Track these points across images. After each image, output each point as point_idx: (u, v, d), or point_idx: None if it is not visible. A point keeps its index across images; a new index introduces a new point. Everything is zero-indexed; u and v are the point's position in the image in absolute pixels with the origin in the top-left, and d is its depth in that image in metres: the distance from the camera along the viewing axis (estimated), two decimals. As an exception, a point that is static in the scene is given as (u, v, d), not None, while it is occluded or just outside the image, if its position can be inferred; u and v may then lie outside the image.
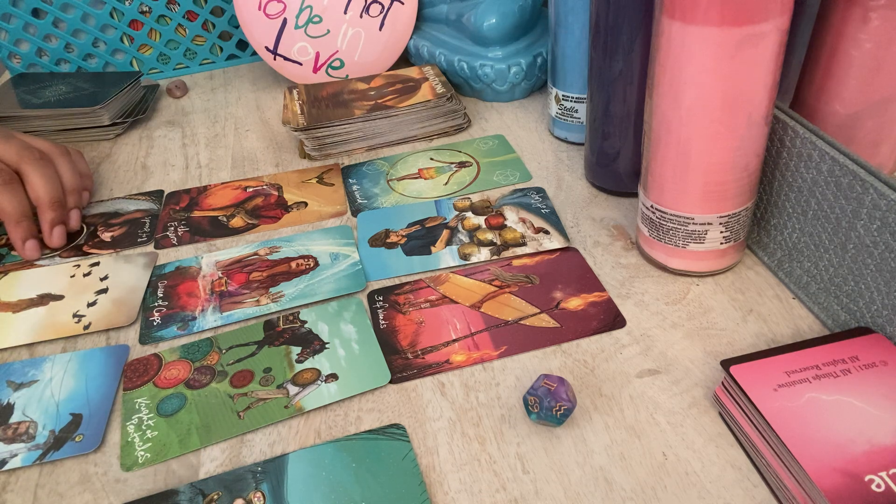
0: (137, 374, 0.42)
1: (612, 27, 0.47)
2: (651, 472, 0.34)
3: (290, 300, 0.46)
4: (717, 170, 0.40)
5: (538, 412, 0.35)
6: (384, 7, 0.74)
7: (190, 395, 0.40)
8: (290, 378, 0.40)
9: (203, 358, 0.42)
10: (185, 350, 0.43)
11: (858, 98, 0.41)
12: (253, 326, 0.44)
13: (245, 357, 0.42)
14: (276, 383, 0.40)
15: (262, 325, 0.44)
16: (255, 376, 0.41)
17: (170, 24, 0.83)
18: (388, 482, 0.34)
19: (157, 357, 0.43)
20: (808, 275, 0.42)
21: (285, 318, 0.45)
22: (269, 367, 0.41)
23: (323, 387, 0.40)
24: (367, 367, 0.41)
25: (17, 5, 0.77)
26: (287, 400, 0.39)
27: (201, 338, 0.44)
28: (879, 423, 0.31)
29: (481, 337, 0.43)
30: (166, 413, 0.39)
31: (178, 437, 0.37)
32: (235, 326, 0.45)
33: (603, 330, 0.42)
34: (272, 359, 0.42)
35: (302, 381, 0.40)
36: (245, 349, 0.43)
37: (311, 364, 0.41)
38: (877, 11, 0.38)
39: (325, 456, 0.36)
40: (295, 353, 0.42)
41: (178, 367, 0.42)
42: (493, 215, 0.54)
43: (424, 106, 0.64)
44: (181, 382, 0.41)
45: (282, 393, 0.39)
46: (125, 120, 0.72)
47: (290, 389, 0.40)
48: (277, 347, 0.42)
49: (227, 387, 0.40)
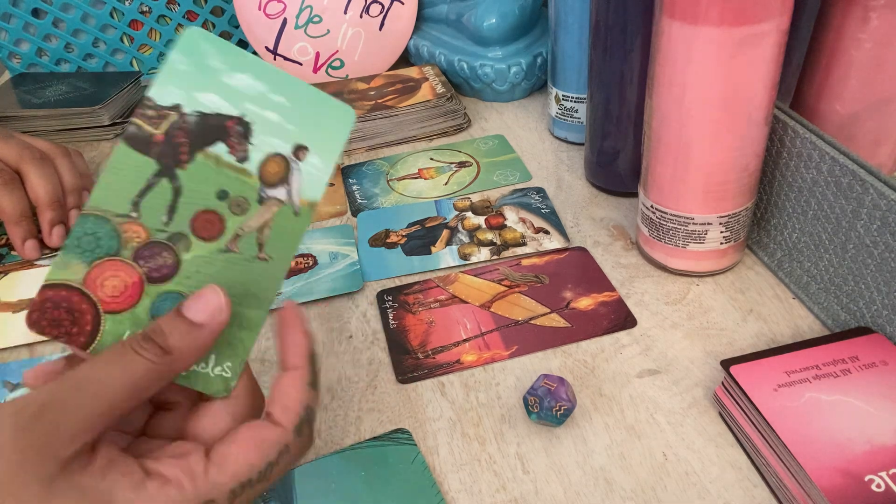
0: (67, 324, 0.28)
1: (612, 27, 0.47)
2: (651, 472, 0.34)
3: (285, 298, 0.46)
4: (718, 170, 0.40)
5: (538, 412, 0.35)
6: (384, 7, 0.74)
7: (177, 285, 0.29)
8: (259, 184, 0.31)
9: (119, 242, 0.29)
10: (77, 250, 0.29)
11: (858, 98, 0.41)
12: (125, 157, 0.29)
13: (173, 199, 0.30)
14: (252, 200, 0.31)
15: (139, 157, 0.30)
16: (219, 208, 0.30)
17: (170, 24, 0.83)
18: (400, 486, 0.34)
19: (58, 288, 0.28)
20: (808, 275, 0.42)
21: (147, 119, 0.30)
22: (222, 189, 0.30)
23: (304, 166, 0.31)
24: (320, 112, 0.32)
25: (17, 5, 0.77)
26: (288, 207, 0.31)
27: (80, 230, 0.29)
28: (879, 423, 0.31)
29: (492, 337, 0.43)
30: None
31: (229, 330, 0.29)
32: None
33: (614, 330, 0.42)
34: (206, 179, 0.30)
35: (276, 177, 0.31)
36: (158, 194, 0.30)
37: (258, 153, 0.31)
38: (877, 11, 0.38)
39: (332, 467, 0.35)
40: (224, 154, 0.31)
41: (105, 273, 0.29)
42: (493, 215, 0.54)
43: (424, 106, 0.64)
44: (141, 285, 0.29)
45: (273, 205, 0.31)
46: (125, 120, 0.72)
47: (275, 195, 0.31)
48: (193, 161, 0.30)
49: (205, 245, 0.30)
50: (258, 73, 0.31)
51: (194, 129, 0.30)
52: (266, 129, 0.31)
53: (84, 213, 0.29)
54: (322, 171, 0.32)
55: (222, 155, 0.31)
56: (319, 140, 0.32)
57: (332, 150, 0.32)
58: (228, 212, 0.31)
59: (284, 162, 0.31)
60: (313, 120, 0.32)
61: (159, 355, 0.26)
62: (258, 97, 0.31)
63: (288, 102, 0.32)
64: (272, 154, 0.31)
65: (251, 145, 0.31)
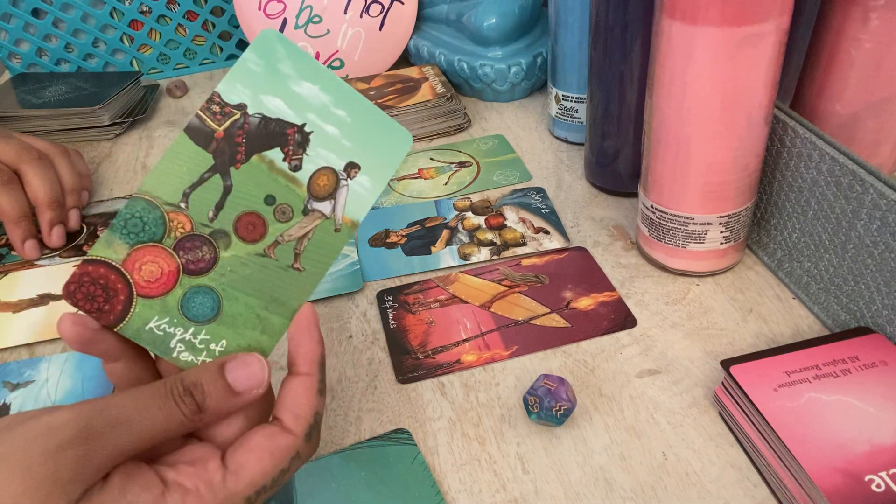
0: (101, 300, 0.28)
1: (612, 27, 0.47)
2: (651, 472, 0.34)
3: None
4: (717, 170, 0.40)
5: (538, 412, 0.35)
6: (384, 7, 0.74)
7: (210, 281, 0.30)
8: (307, 195, 0.31)
9: (164, 231, 0.30)
10: (123, 230, 0.29)
11: (858, 98, 0.41)
12: (184, 148, 0.30)
13: (222, 197, 0.31)
14: (297, 209, 0.31)
15: (198, 151, 0.30)
16: (264, 213, 0.31)
17: (170, 24, 0.83)
18: (400, 487, 0.34)
19: (98, 264, 0.29)
20: (808, 275, 0.42)
21: (212, 114, 0.31)
22: (270, 195, 0.31)
23: (353, 184, 0.32)
24: (378, 133, 0.32)
25: (17, 5, 0.77)
26: (330, 222, 0.31)
27: (131, 208, 0.29)
28: (879, 423, 0.31)
29: (492, 337, 0.43)
30: (205, 317, 0.30)
31: (252, 333, 0.30)
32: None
33: (614, 330, 0.42)
34: (257, 182, 0.31)
35: (324, 191, 0.31)
36: (208, 189, 0.30)
37: (311, 164, 0.31)
38: (877, 11, 0.38)
39: (332, 467, 0.35)
40: (278, 160, 0.31)
41: (145, 257, 0.29)
42: (493, 215, 0.54)
43: (424, 106, 0.64)
44: (177, 274, 0.30)
45: (316, 217, 0.31)
46: (125, 120, 0.72)
47: (320, 208, 0.31)
48: (247, 163, 0.31)
49: (244, 246, 0.31)
50: (326, 84, 0.32)
51: (254, 131, 0.31)
52: (323, 142, 0.32)
53: (136, 195, 0.29)
54: (370, 191, 0.32)
55: (276, 161, 0.31)
56: (373, 160, 0.32)
57: (384, 173, 0.32)
58: (272, 217, 0.31)
59: (335, 177, 0.32)
60: (370, 139, 0.32)
61: (195, 412, 0.27)
62: (321, 109, 0.32)
63: (349, 118, 0.32)
64: (324, 167, 0.32)
65: (306, 155, 0.31)
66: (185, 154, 0.30)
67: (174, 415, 0.26)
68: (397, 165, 0.32)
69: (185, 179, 0.30)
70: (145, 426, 0.25)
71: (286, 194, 0.31)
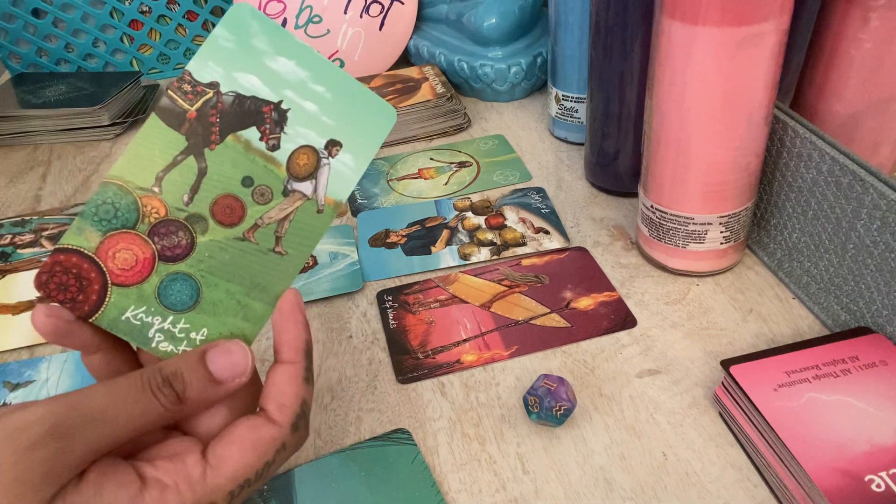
0: (74, 290, 0.28)
1: (612, 27, 0.47)
2: (651, 472, 0.34)
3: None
4: (717, 170, 0.40)
5: (538, 412, 0.35)
6: (384, 7, 0.74)
7: (188, 267, 0.29)
8: (287, 175, 0.30)
9: (138, 217, 0.28)
10: (95, 217, 0.28)
11: (858, 98, 0.41)
12: (155, 130, 0.29)
13: (197, 179, 0.29)
14: (276, 190, 0.30)
15: (170, 132, 0.29)
16: (242, 195, 0.30)
17: (170, 24, 0.83)
18: (400, 486, 0.34)
19: (70, 253, 0.28)
20: (808, 275, 0.42)
21: (183, 94, 0.29)
22: (247, 176, 0.30)
23: (335, 163, 0.30)
24: (360, 109, 0.31)
25: (17, 5, 0.77)
26: (312, 203, 0.30)
27: (99, 202, 0.28)
28: (879, 423, 0.31)
29: (492, 337, 0.43)
30: (184, 305, 0.29)
31: (233, 320, 0.29)
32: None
33: (614, 330, 0.42)
34: (233, 163, 0.29)
35: (304, 171, 0.30)
36: (182, 172, 0.29)
37: (289, 143, 0.30)
38: (877, 11, 0.38)
39: (332, 467, 0.35)
40: (255, 140, 0.30)
41: (118, 244, 0.28)
42: (493, 215, 0.54)
43: (424, 106, 0.64)
44: (152, 261, 0.29)
45: (297, 198, 0.30)
46: (125, 120, 0.72)
47: (301, 188, 0.30)
48: (222, 144, 0.29)
49: (223, 230, 0.29)
50: (303, 59, 0.30)
51: (229, 110, 0.29)
52: (302, 120, 0.30)
53: (106, 181, 0.28)
54: (353, 170, 0.31)
55: (253, 140, 0.30)
56: (355, 137, 0.31)
57: (367, 150, 0.31)
58: (251, 200, 0.30)
59: (315, 155, 0.30)
60: (352, 115, 0.31)
61: (174, 403, 0.26)
62: (299, 85, 0.30)
63: (329, 94, 0.30)
64: (303, 146, 0.30)
65: (284, 134, 0.30)
66: (157, 136, 0.29)
67: (152, 407, 0.25)
68: (381, 142, 0.31)
69: (158, 163, 0.29)
70: (120, 421, 0.24)
71: (264, 175, 0.30)
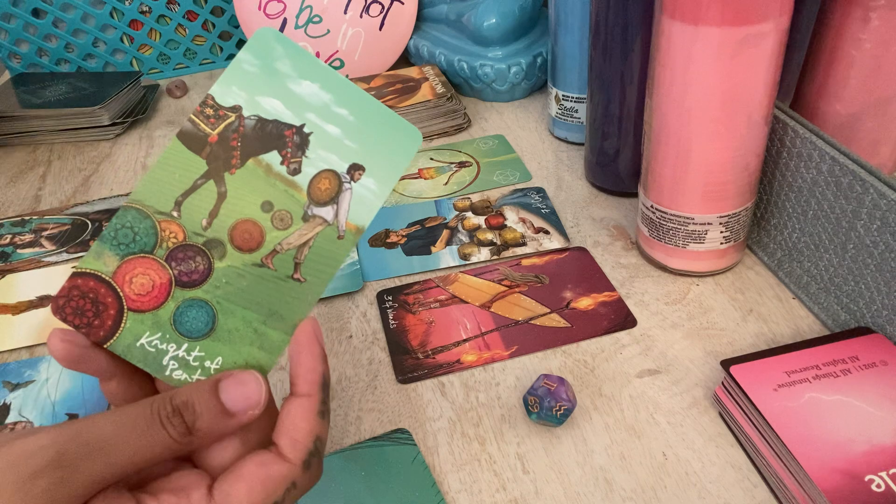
0: (91, 315, 0.27)
1: (612, 27, 0.47)
2: (651, 472, 0.34)
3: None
4: (717, 170, 0.40)
5: (538, 412, 0.35)
6: (384, 7, 0.74)
7: (204, 293, 0.28)
8: (307, 200, 0.29)
9: (156, 241, 0.28)
10: (114, 241, 0.28)
11: (858, 98, 0.41)
12: (176, 154, 0.29)
13: (216, 204, 0.29)
14: (296, 215, 0.29)
15: (191, 156, 0.29)
16: (261, 220, 0.29)
17: (170, 24, 0.83)
18: (400, 486, 0.34)
19: (87, 277, 0.27)
20: (808, 275, 0.42)
21: (205, 117, 0.29)
22: (267, 201, 0.29)
23: (357, 187, 0.29)
24: (384, 132, 0.30)
25: (18, 5, 0.77)
26: (333, 229, 0.29)
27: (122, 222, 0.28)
28: (879, 423, 0.31)
29: (492, 337, 0.43)
30: (199, 332, 0.28)
31: (249, 349, 0.28)
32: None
33: (614, 330, 0.42)
34: (253, 187, 0.29)
35: (325, 195, 0.29)
36: (202, 196, 0.29)
37: (311, 167, 0.29)
38: (877, 11, 0.38)
39: (333, 467, 0.35)
40: (276, 164, 0.29)
41: (135, 269, 0.28)
42: (493, 215, 0.54)
43: (424, 106, 0.64)
44: (169, 287, 0.28)
45: (317, 224, 0.29)
46: (125, 120, 0.72)
47: (321, 214, 0.29)
48: (243, 168, 0.29)
49: (241, 256, 0.29)
50: (327, 82, 0.29)
51: (250, 133, 0.29)
52: (324, 143, 0.29)
53: (126, 205, 0.28)
54: (376, 195, 0.30)
55: (274, 165, 0.29)
56: (379, 161, 0.30)
57: (391, 174, 0.30)
58: (270, 225, 0.29)
59: (337, 180, 0.29)
60: (376, 139, 0.30)
61: (184, 434, 0.24)
62: (322, 108, 0.29)
63: (352, 117, 0.30)
64: (325, 170, 0.29)
65: (306, 158, 0.29)
66: (178, 160, 0.29)
67: (159, 438, 0.24)
68: (406, 165, 0.30)
69: (178, 186, 0.28)
70: (125, 452, 0.23)
71: (285, 200, 0.29)
